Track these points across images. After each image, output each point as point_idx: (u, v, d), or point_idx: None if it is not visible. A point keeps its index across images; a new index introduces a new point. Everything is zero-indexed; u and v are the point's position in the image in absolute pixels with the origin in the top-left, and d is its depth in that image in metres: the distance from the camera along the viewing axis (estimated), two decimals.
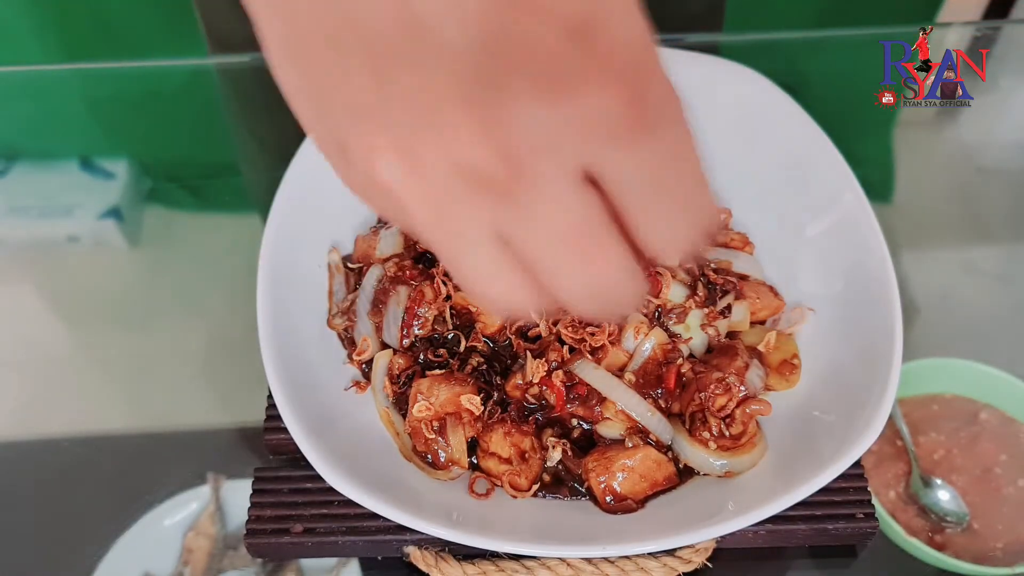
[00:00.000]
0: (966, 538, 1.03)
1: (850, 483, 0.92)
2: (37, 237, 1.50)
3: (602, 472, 0.89)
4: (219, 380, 1.26)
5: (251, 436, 1.00)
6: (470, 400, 0.92)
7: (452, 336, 1.00)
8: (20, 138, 1.66)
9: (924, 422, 1.13)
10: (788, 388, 0.97)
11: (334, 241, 1.11)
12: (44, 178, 1.57)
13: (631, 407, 0.91)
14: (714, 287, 1.03)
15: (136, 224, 1.52)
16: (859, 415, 0.87)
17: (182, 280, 1.42)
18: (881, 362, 0.90)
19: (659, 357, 0.94)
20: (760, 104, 1.17)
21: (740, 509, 0.82)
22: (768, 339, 1.00)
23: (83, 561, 1.03)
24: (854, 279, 1.01)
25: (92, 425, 1.24)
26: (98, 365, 1.32)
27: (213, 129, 1.65)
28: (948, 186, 1.55)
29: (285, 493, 0.94)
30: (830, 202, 1.07)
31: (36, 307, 1.40)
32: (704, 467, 0.91)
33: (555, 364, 0.93)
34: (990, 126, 1.63)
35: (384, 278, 1.03)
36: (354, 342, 1.02)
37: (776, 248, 1.10)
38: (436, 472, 0.92)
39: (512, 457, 0.91)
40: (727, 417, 0.91)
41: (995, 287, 1.40)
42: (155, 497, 1.09)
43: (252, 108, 1.64)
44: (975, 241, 1.49)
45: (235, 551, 1.06)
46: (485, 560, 0.90)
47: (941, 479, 1.07)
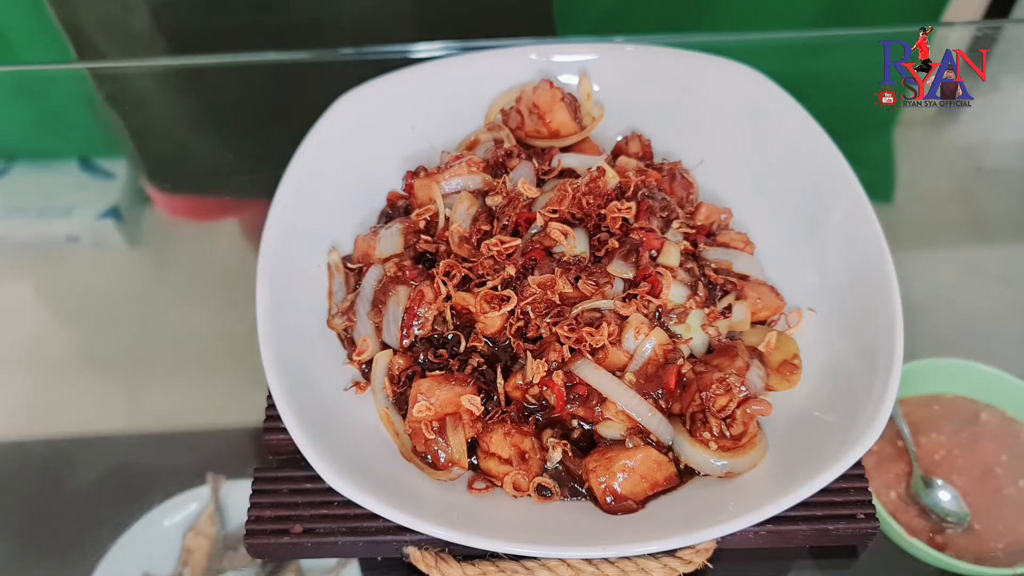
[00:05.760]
0: (967, 538, 1.03)
1: (851, 483, 0.92)
2: (37, 237, 1.50)
3: (602, 472, 0.89)
4: (219, 380, 1.26)
5: (251, 436, 1.01)
6: (470, 400, 0.92)
7: (452, 336, 1.00)
8: (20, 138, 1.67)
9: (925, 422, 1.13)
10: (789, 388, 0.97)
11: (334, 241, 1.11)
12: (44, 178, 1.57)
13: (632, 407, 0.91)
14: (714, 287, 1.03)
15: (136, 224, 1.52)
16: (860, 415, 0.87)
17: (182, 280, 1.42)
18: (882, 362, 0.90)
19: (660, 357, 0.94)
20: (761, 104, 1.17)
21: (741, 510, 0.82)
22: (769, 339, 0.99)
23: (83, 561, 1.04)
24: (854, 279, 1.01)
25: (92, 425, 1.24)
26: (98, 365, 1.32)
27: (213, 129, 1.65)
28: (948, 186, 1.55)
29: (285, 493, 0.94)
30: (830, 202, 1.07)
31: (36, 307, 1.40)
32: (705, 467, 0.91)
33: (555, 364, 0.93)
34: (990, 126, 1.63)
35: (384, 278, 1.03)
36: (354, 342, 1.02)
37: (776, 248, 1.10)
38: (436, 472, 0.92)
39: (512, 458, 0.91)
40: (728, 417, 0.91)
41: (995, 287, 1.40)
42: (155, 497, 1.09)
43: (252, 108, 1.64)
44: (975, 241, 1.49)
45: (235, 551, 1.06)
46: (485, 560, 0.90)
47: (942, 479, 1.07)
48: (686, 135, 1.21)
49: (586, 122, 1.19)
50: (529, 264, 1.00)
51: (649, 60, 1.23)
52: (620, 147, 1.22)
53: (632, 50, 1.25)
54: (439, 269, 1.00)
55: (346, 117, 1.16)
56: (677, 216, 1.07)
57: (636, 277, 0.98)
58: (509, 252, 1.00)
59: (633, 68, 1.23)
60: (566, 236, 1.00)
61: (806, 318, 1.03)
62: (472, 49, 1.34)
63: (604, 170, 1.05)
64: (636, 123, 1.23)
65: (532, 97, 1.16)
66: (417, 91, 1.21)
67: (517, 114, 1.18)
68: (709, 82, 1.21)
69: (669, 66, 1.23)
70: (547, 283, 0.96)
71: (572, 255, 1.01)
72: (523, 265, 0.99)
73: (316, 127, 1.13)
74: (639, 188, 1.05)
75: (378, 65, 1.22)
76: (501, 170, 1.13)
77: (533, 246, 1.01)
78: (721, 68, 1.21)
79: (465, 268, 1.00)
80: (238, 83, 1.62)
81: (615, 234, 1.02)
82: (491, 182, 1.09)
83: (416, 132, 1.20)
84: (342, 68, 1.54)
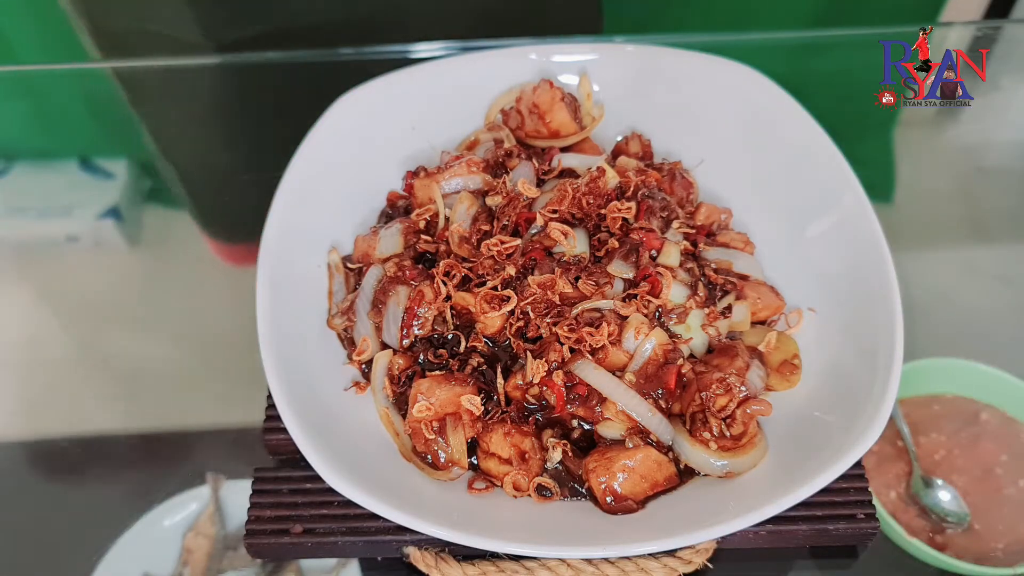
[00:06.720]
0: (967, 538, 1.03)
1: (851, 483, 0.92)
2: (37, 237, 1.50)
3: (603, 472, 0.89)
4: (219, 380, 1.27)
5: (251, 436, 1.01)
6: (470, 400, 0.92)
7: (452, 336, 1.00)
8: (20, 138, 1.67)
9: (925, 422, 1.13)
10: (789, 388, 0.97)
11: (334, 241, 1.11)
12: (44, 178, 1.57)
13: (632, 407, 0.91)
14: (714, 287, 1.03)
15: (135, 224, 1.52)
16: (860, 415, 0.87)
17: (182, 280, 1.42)
18: (882, 362, 0.90)
19: (660, 357, 0.94)
20: (761, 104, 1.17)
21: (741, 510, 0.82)
22: (769, 339, 0.99)
23: (83, 561, 1.03)
24: (854, 279, 1.01)
25: (92, 425, 1.24)
26: (98, 365, 1.32)
27: (213, 129, 1.64)
28: (948, 186, 1.55)
29: (285, 493, 0.94)
30: (830, 202, 1.07)
31: (36, 307, 1.40)
32: (705, 467, 0.91)
33: (555, 364, 0.93)
34: (990, 126, 1.63)
35: (384, 278, 1.03)
36: (354, 342, 1.02)
37: (776, 248, 1.10)
38: (436, 472, 0.92)
39: (512, 458, 0.91)
40: (728, 417, 0.91)
41: (995, 287, 1.40)
42: (155, 497, 1.09)
43: (252, 108, 1.63)
44: (975, 241, 1.49)
45: (235, 551, 1.06)
46: (485, 560, 0.90)
47: (942, 479, 1.06)
48: (686, 135, 1.21)
49: (586, 122, 1.19)
50: (529, 264, 1.00)
51: (649, 60, 1.23)
52: (620, 147, 1.22)
53: (632, 50, 1.25)
54: (439, 269, 1.00)
55: (346, 117, 1.16)
56: (677, 216, 1.07)
57: (636, 277, 0.98)
58: (509, 252, 1.00)
59: (633, 68, 1.23)
60: (566, 236, 1.00)
61: (806, 318, 1.03)
62: (472, 49, 1.34)
63: (604, 170, 1.05)
64: (636, 123, 1.23)
65: (532, 97, 1.16)
66: (417, 91, 1.21)
67: (517, 114, 1.18)
68: (709, 82, 1.21)
69: (669, 66, 1.23)
70: (547, 283, 0.96)
71: (572, 255, 1.01)
72: (523, 265, 0.99)
73: (316, 127, 1.13)
74: (639, 188, 1.05)
75: (378, 65, 1.22)
76: (501, 170, 1.13)
77: (533, 246, 1.01)
78: (721, 68, 1.21)
79: (465, 268, 1.00)
80: (238, 83, 1.62)
81: (615, 234, 1.02)
82: (491, 182, 1.09)
83: (416, 132, 1.20)
84: (342, 68, 1.54)
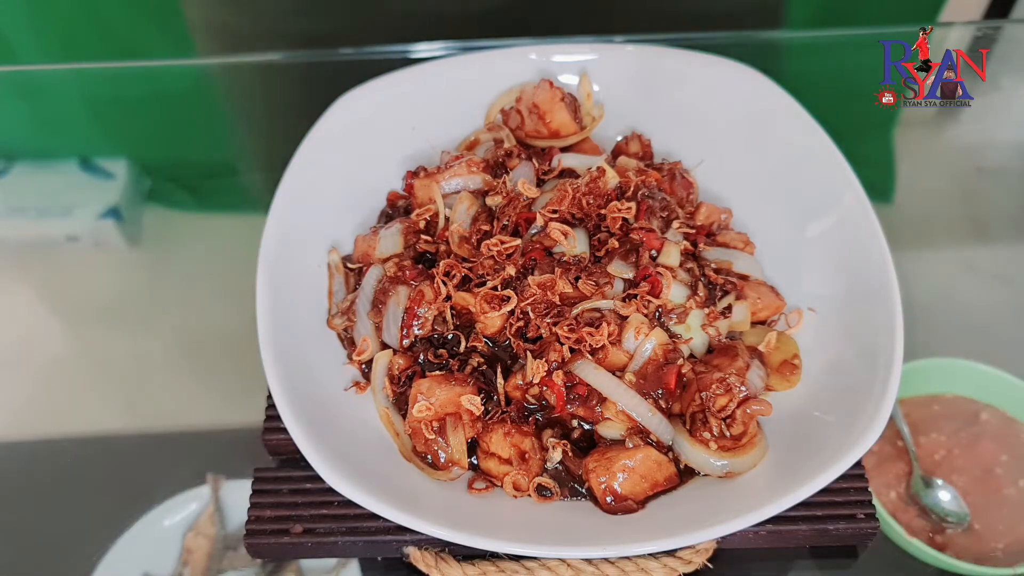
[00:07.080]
0: (967, 538, 1.03)
1: (851, 483, 0.92)
2: (37, 237, 1.50)
3: (603, 472, 0.89)
4: (219, 380, 1.26)
5: (251, 436, 1.01)
6: (470, 400, 0.92)
7: (452, 336, 1.00)
8: (20, 138, 1.67)
9: (925, 422, 1.13)
10: (789, 388, 0.97)
11: (334, 241, 1.11)
12: (44, 178, 1.57)
13: (632, 407, 0.91)
14: (715, 287, 1.03)
15: (136, 224, 1.52)
16: (860, 415, 0.87)
17: (182, 280, 1.42)
18: (882, 362, 0.90)
19: (660, 357, 0.94)
20: (761, 104, 1.17)
21: (741, 510, 0.82)
22: (769, 339, 0.99)
23: (83, 561, 1.03)
24: (854, 279, 1.01)
25: (92, 425, 1.24)
26: (98, 365, 1.32)
27: (213, 129, 1.65)
28: (948, 186, 1.55)
29: (285, 493, 0.94)
30: (830, 202, 1.07)
31: (36, 307, 1.40)
32: (705, 467, 0.91)
33: (555, 364, 0.93)
34: (990, 126, 1.63)
35: (384, 278, 1.03)
36: (354, 342, 1.02)
37: (776, 248, 1.10)
38: (436, 472, 0.92)
39: (512, 458, 0.91)
40: (728, 417, 0.91)
41: (995, 287, 1.40)
42: (155, 497, 1.09)
43: (252, 108, 1.64)
44: (975, 241, 1.49)
45: (235, 551, 1.06)
46: (485, 560, 0.90)
47: (942, 479, 1.06)
48: (686, 135, 1.21)
49: (586, 122, 1.19)
50: (529, 264, 1.00)
51: (649, 60, 1.23)
52: (620, 147, 1.22)
53: (632, 50, 1.25)
54: (439, 269, 1.00)
55: (346, 117, 1.16)
56: (677, 216, 1.06)
57: (636, 277, 0.98)
58: (509, 252, 1.00)
59: (633, 68, 1.23)
60: (566, 236, 1.00)
61: (806, 318, 1.03)
62: (472, 49, 1.34)
63: (604, 170, 1.05)
64: (636, 123, 1.23)
65: (532, 97, 1.16)
66: (417, 91, 1.21)
67: (517, 114, 1.18)
68: (709, 82, 1.21)
69: (669, 66, 1.23)
70: (547, 283, 0.96)
71: (572, 255, 1.01)
72: (523, 265, 0.99)
73: (316, 127, 1.13)
74: (639, 188, 1.05)
75: (378, 65, 1.22)
76: (501, 170, 1.13)
77: (533, 246, 1.01)
78: (721, 68, 1.21)
79: (465, 268, 1.00)
80: (238, 83, 1.62)
81: (615, 234, 1.02)
82: (491, 182, 1.09)
83: (416, 132, 1.20)
84: (342, 68, 1.54)
